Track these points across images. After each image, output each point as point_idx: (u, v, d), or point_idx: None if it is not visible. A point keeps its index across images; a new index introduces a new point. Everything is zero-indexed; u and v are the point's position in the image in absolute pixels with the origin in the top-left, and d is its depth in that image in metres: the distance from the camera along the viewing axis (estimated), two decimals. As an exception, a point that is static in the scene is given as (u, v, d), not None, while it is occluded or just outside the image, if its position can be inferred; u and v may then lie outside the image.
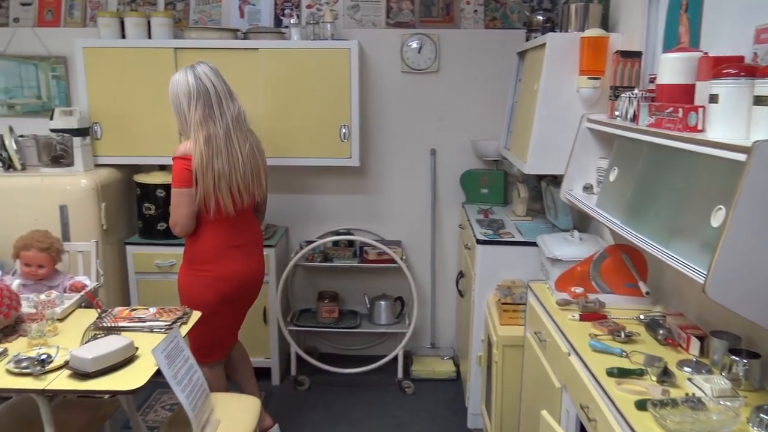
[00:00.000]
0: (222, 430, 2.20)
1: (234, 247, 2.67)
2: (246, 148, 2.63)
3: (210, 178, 2.52)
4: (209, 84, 2.56)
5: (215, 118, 2.55)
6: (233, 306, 2.78)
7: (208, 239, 2.64)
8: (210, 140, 2.52)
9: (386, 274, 3.88)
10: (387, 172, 3.91)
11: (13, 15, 3.81)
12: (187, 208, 2.56)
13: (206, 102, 2.55)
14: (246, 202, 2.66)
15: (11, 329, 2.30)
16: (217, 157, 2.53)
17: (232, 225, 2.66)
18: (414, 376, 3.76)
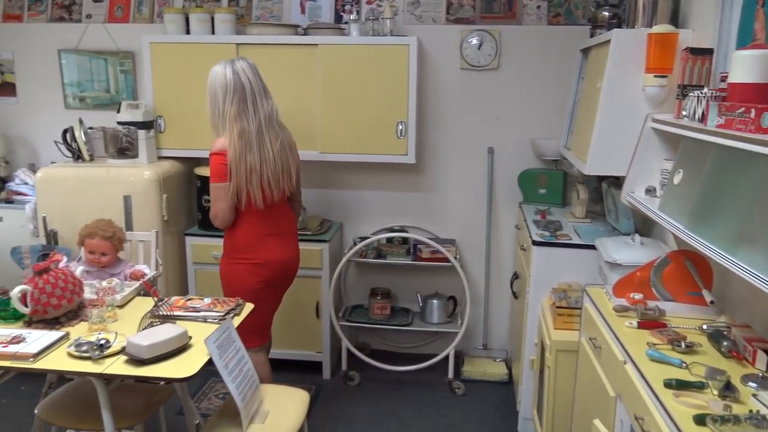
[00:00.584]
0: (270, 421, 2.22)
1: (270, 235, 2.77)
2: (277, 144, 2.71)
3: (242, 171, 2.61)
4: (246, 80, 2.64)
5: (249, 114, 2.63)
6: (273, 291, 2.89)
7: (245, 229, 2.74)
8: (243, 135, 2.61)
9: (439, 272, 3.84)
10: (443, 170, 3.87)
11: (86, 11, 3.96)
12: (225, 201, 2.66)
13: (241, 98, 2.63)
14: (276, 195, 2.74)
15: (74, 314, 2.39)
16: (249, 152, 2.61)
17: (267, 215, 2.75)
18: (465, 377, 3.72)
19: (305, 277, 3.61)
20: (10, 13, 4.02)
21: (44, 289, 2.27)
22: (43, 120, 4.09)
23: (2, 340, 2.13)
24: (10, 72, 4.09)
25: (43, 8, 3.99)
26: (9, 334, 2.19)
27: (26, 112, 4.12)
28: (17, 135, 4.14)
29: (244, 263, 2.75)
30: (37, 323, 2.31)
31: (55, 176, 3.40)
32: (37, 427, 2.44)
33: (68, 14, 3.97)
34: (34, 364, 2.04)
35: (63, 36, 3.98)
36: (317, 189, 3.96)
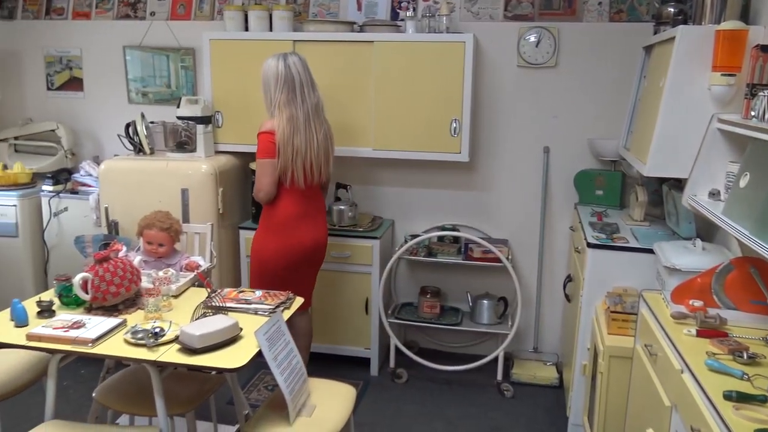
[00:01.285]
0: (317, 415, 2.23)
1: (305, 215, 3.02)
2: (321, 133, 2.99)
3: (289, 152, 2.89)
4: (296, 73, 2.92)
5: (296, 102, 2.91)
6: (301, 269, 3.07)
7: (284, 207, 2.98)
8: (291, 120, 2.89)
9: (491, 272, 3.80)
10: (496, 169, 3.82)
11: (150, 9, 4.08)
12: (271, 177, 2.92)
13: (290, 88, 2.91)
14: (316, 178, 3.02)
15: (131, 302, 2.47)
16: (296, 136, 2.90)
17: (304, 196, 3.01)
18: (514, 380, 3.66)
19: (355, 273, 3.63)
20: (79, 11, 4.18)
21: (104, 277, 2.35)
22: (108, 114, 4.24)
23: (64, 325, 2.21)
24: (78, 67, 4.25)
25: (109, 6, 4.13)
26: (70, 319, 2.27)
27: (92, 106, 4.28)
28: (83, 128, 4.31)
29: (278, 239, 2.98)
30: (96, 310, 2.39)
31: (117, 168, 3.51)
32: (94, 410, 2.53)
33: (133, 12, 4.10)
34: (93, 350, 2.12)
35: (128, 33, 4.11)
36: (369, 186, 3.97)
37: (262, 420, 2.19)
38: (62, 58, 4.26)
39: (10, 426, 2.95)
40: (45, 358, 2.52)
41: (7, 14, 4.27)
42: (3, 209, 3.79)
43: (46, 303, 2.37)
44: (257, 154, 2.96)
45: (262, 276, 3.03)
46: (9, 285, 3.83)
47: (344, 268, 3.64)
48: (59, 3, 4.20)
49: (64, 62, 4.26)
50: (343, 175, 3.92)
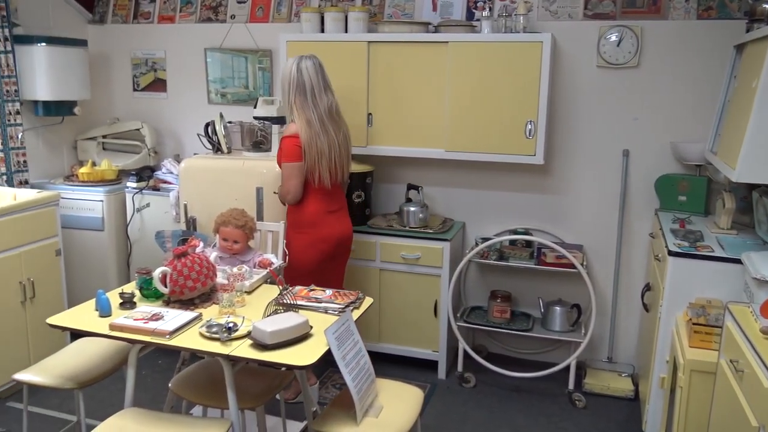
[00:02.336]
0: (384, 416, 2.23)
1: (330, 212, 3.18)
2: (340, 133, 3.13)
3: (314, 154, 3.03)
4: (307, 77, 3.04)
5: (309, 106, 3.04)
6: (330, 263, 3.24)
7: (310, 206, 3.14)
8: (310, 124, 3.03)
9: (564, 278, 3.70)
10: (572, 172, 3.71)
11: (231, 12, 4.20)
12: (298, 179, 3.07)
13: (302, 92, 3.05)
14: (339, 177, 3.18)
15: (206, 296, 2.54)
16: (318, 138, 3.03)
17: (328, 194, 3.17)
18: (586, 390, 3.55)
19: (425, 275, 3.61)
20: (164, 15, 4.35)
21: (182, 272, 2.43)
22: (188, 114, 4.39)
23: (144, 317, 2.30)
24: (162, 69, 4.42)
25: (192, 9, 4.28)
26: (150, 311, 2.36)
27: (174, 106, 4.45)
28: (165, 127, 4.48)
29: (307, 236, 3.15)
30: (174, 303, 2.48)
31: (196, 167, 3.63)
32: (170, 400, 2.62)
33: (215, 15, 4.23)
34: (170, 341, 2.19)
35: (209, 35, 4.25)
36: (441, 188, 3.94)
37: (329, 418, 2.21)
38: (147, 60, 4.44)
39: (93, 410, 3.10)
40: (126, 347, 2.62)
41: (98, 19, 4.49)
42: (91, 204, 3.99)
43: (127, 295, 2.47)
44: (282, 158, 3.10)
45: (296, 274, 3.11)
46: (94, 276, 4.02)
47: (414, 270, 3.62)
48: (146, 7, 4.38)
49: (150, 64, 4.44)
50: (415, 176, 3.92)
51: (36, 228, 3.44)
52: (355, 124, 3.66)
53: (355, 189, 3.73)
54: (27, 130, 4.00)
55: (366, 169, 3.76)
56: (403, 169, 3.97)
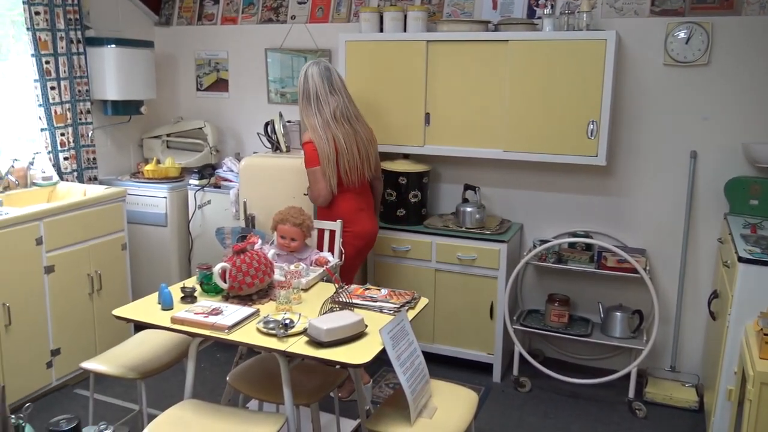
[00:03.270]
0: (438, 417, 2.21)
1: (360, 210, 3.29)
2: (352, 135, 3.18)
3: (324, 156, 3.12)
4: (312, 84, 3.15)
5: (313, 112, 3.15)
6: (357, 259, 3.37)
7: (343, 206, 3.24)
8: (314, 129, 3.14)
9: (625, 283, 3.59)
10: (636, 174, 3.60)
11: (291, 12, 4.25)
12: (323, 182, 3.16)
13: (308, 99, 3.17)
14: (355, 179, 3.23)
15: (264, 293, 2.58)
16: (325, 143, 3.12)
17: (355, 193, 3.27)
18: (647, 399, 3.43)
19: (480, 277, 3.57)
20: (227, 16, 4.45)
21: (241, 268, 2.48)
22: (249, 113, 4.48)
23: (204, 311, 2.35)
24: (225, 69, 4.52)
25: (254, 11, 4.36)
26: (209, 306, 2.42)
27: (235, 105, 4.54)
28: (227, 126, 4.58)
29: (345, 235, 3.23)
30: (232, 298, 2.53)
31: (255, 165, 3.69)
32: (227, 393, 2.67)
33: (275, 16, 4.30)
34: (229, 336, 2.23)
35: (270, 36, 4.32)
36: (498, 188, 3.89)
37: (383, 417, 2.21)
38: (211, 61, 4.55)
39: (154, 400, 3.19)
40: (186, 340, 2.69)
41: (164, 21, 4.63)
42: (155, 200, 4.11)
43: (188, 289, 2.54)
44: (306, 164, 3.20)
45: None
46: (157, 270, 4.15)
47: (469, 271, 3.59)
48: (210, 9, 4.49)
49: (212, 65, 4.55)
50: (472, 176, 3.88)
51: (104, 223, 3.57)
52: (411, 124, 3.66)
53: (412, 189, 3.72)
54: (97, 128, 4.16)
55: (423, 169, 3.75)
56: (460, 169, 3.93)
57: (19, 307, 3.12)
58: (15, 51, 3.85)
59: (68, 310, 3.39)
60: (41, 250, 3.21)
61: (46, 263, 3.24)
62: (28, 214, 3.14)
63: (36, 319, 3.22)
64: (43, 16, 3.66)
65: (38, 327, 3.24)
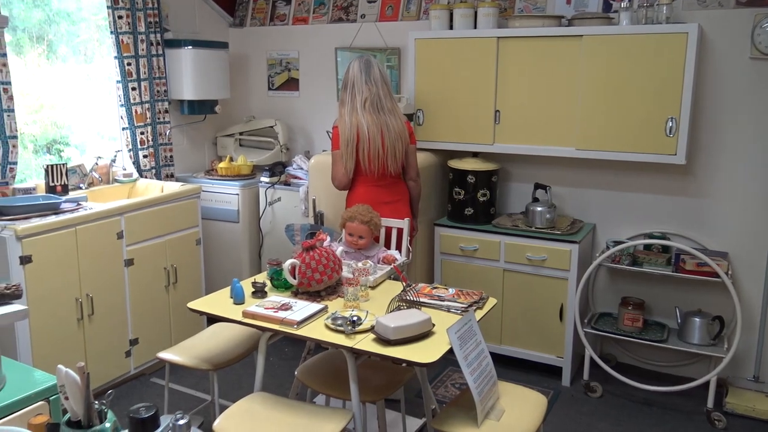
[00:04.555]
0: (505, 420, 2.18)
1: (381, 202, 3.22)
2: (378, 125, 3.19)
3: (345, 141, 3.19)
4: (351, 74, 3.25)
5: (348, 100, 3.24)
6: None
7: (358, 194, 3.26)
8: (342, 116, 3.23)
9: (705, 288, 3.43)
10: (718, 173, 3.43)
11: (361, 11, 4.28)
12: (341, 166, 3.24)
13: (345, 87, 3.27)
14: (376, 168, 3.23)
15: (332, 289, 2.60)
16: (348, 128, 3.19)
17: (379, 185, 3.27)
18: (727, 410, 3.27)
19: (550, 278, 3.49)
20: (298, 16, 4.52)
21: (310, 264, 2.51)
22: (318, 112, 4.54)
23: (274, 306, 2.40)
24: (295, 69, 4.60)
25: (325, 10, 4.41)
26: (279, 301, 2.46)
27: (305, 104, 4.61)
28: (297, 125, 4.65)
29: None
30: (301, 294, 2.56)
31: (325, 163, 3.73)
32: (295, 387, 2.71)
33: (345, 15, 4.33)
34: (298, 331, 2.27)
35: (340, 35, 4.36)
36: (570, 187, 3.79)
37: (449, 417, 2.19)
38: (282, 61, 4.64)
39: (225, 391, 3.29)
40: (256, 334, 2.75)
41: (238, 22, 4.75)
42: (228, 197, 4.23)
43: (259, 284, 2.59)
44: (331, 147, 3.32)
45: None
46: (229, 265, 4.27)
47: (539, 272, 3.51)
48: (282, 10, 4.58)
49: (284, 64, 4.64)
50: (542, 175, 3.80)
51: (179, 218, 3.70)
52: (481, 122, 3.62)
53: (481, 187, 3.68)
54: (174, 127, 4.31)
55: (492, 168, 3.70)
56: (531, 168, 3.86)
57: (101, 298, 3.27)
58: (99, 54, 4.04)
59: (146, 301, 3.53)
60: (122, 243, 3.36)
61: (126, 256, 3.38)
62: (111, 210, 3.29)
63: (116, 310, 3.37)
64: (125, 19, 3.82)
65: (118, 317, 3.39)
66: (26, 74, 3.62)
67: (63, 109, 3.87)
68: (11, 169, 3.30)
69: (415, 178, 3.39)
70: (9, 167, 3.29)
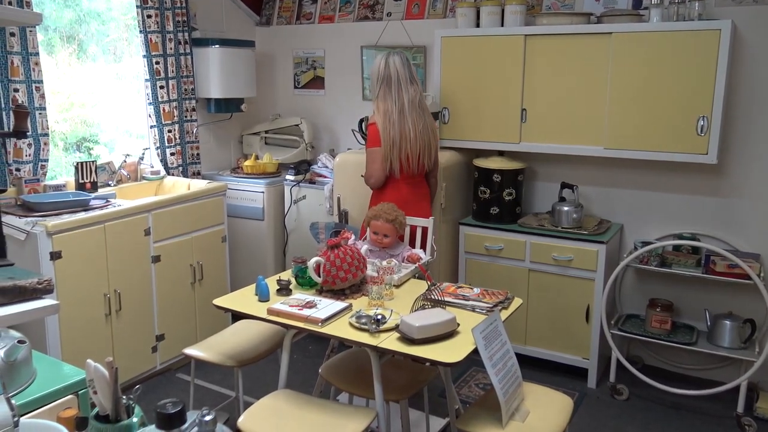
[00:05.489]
0: (530, 421, 2.15)
1: (408, 201, 3.20)
2: (420, 125, 3.18)
3: (387, 142, 3.14)
4: (394, 71, 3.16)
5: (392, 98, 3.16)
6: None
7: (390, 193, 3.22)
8: (386, 114, 3.15)
9: (736, 290, 3.36)
10: (751, 173, 3.35)
11: (387, 10, 4.27)
12: (379, 163, 3.18)
13: (387, 84, 3.17)
14: (414, 168, 3.21)
15: (357, 288, 2.60)
16: (392, 128, 3.13)
17: (407, 184, 3.24)
18: (758, 414, 3.20)
19: (577, 278, 3.45)
20: (324, 15, 4.53)
21: (334, 263, 2.51)
22: (344, 110, 4.54)
23: (298, 304, 2.40)
24: (321, 67, 4.61)
25: (351, 9, 4.41)
26: (304, 299, 2.47)
27: (330, 102, 4.62)
28: (322, 123, 4.66)
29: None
30: (326, 292, 2.57)
31: (349, 161, 3.74)
32: (319, 384, 2.72)
33: (371, 13, 4.33)
34: (322, 329, 2.27)
35: (365, 33, 4.35)
36: (597, 187, 3.74)
37: (473, 418, 2.17)
38: (308, 59, 4.65)
39: (249, 388, 3.31)
40: (280, 331, 2.77)
41: (265, 21, 4.78)
42: (253, 195, 4.25)
43: (284, 282, 2.60)
44: (367, 144, 3.26)
45: None
46: (254, 263, 4.29)
47: (565, 272, 3.47)
48: (308, 8, 4.59)
49: (310, 63, 4.65)
50: (569, 174, 3.75)
51: (206, 216, 3.73)
52: (507, 120, 3.59)
53: (506, 186, 3.65)
54: (201, 125, 4.35)
55: (518, 167, 3.67)
56: (557, 167, 3.82)
57: (129, 294, 3.31)
58: (128, 53, 4.09)
59: (172, 298, 3.57)
60: (149, 240, 3.39)
61: (153, 253, 3.42)
62: (138, 206, 3.33)
63: (143, 306, 3.41)
64: (154, 19, 3.86)
65: (145, 313, 3.43)
66: (57, 73, 3.68)
67: (92, 108, 3.93)
68: (42, 166, 3.36)
69: (437, 176, 3.42)
70: (40, 164, 3.35)
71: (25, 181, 3.30)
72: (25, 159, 3.28)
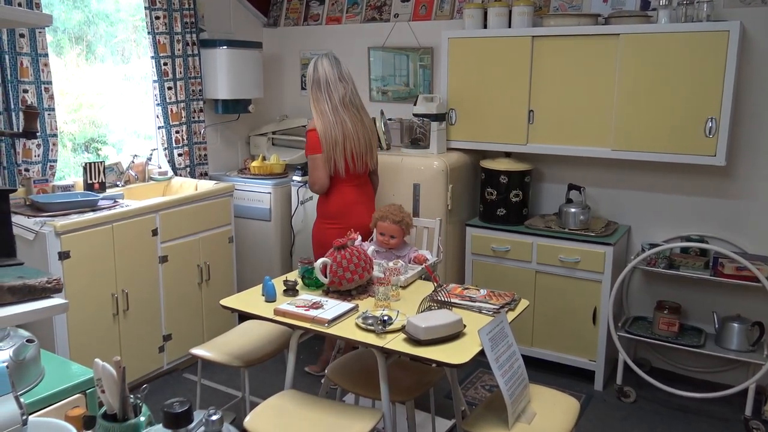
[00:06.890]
0: (537, 423, 2.15)
1: (357, 202, 3.26)
2: (358, 123, 3.21)
3: (330, 143, 3.15)
4: (323, 73, 3.21)
5: (324, 99, 3.19)
6: None
7: (338, 198, 3.25)
8: (324, 114, 3.18)
9: (744, 292, 3.34)
10: (760, 175, 3.34)
11: (395, 11, 4.28)
12: (322, 170, 3.19)
13: (318, 87, 3.21)
14: (359, 167, 3.25)
15: (363, 288, 2.61)
16: (332, 129, 3.15)
17: (354, 185, 3.27)
18: (766, 418, 3.18)
19: (584, 280, 3.44)
20: (331, 16, 4.54)
21: (341, 263, 2.52)
22: (351, 111, 4.53)
23: (305, 305, 2.41)
24: (328, 68, 4.61)
25: (358, 10, 4.42)
26: (310, 299, 2.47)
27: (338, 104, 4.61)
28: (329, 124, 4.66)
29: (336, 228, 3.15)
30: (332, 293, 2.57)
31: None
32: (325, 385, 2.72)
33: (379, 14, 4.33)
34: (328, 330, 2.27)
35: (373, 35, 4.36)
36: (604, 188, 3.73)
37: (480, 419, 2.17)
38: (315, 60, 4.65)
39: (255, 388, 3.31)
40: (287, 332, 2.77)
41: (272, 22, 4.79)
42: (260, 196, 4.26)
43: (291, 282, 2.61)
44: (306, 151, 3.26)
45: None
46: (261, 263, 4.30)
47: (572, 274, 3.47)
48: (315, 10, 4.60)
49: (317, 64, 4.65)
50: (577, 176, 3.74)
51: (213, 216, 3.74)
52: (514, 122, 3.58)
53: (513, 188, 3.64)
54: (208, 126, 4.36)
55: (525, 168, 3.66)
56: (564, 169, 3.81)
57: (136, 294, 3.33)
58: (136, 54, 4.11)
59: (179, 298, 3.58)
60: (156, 240, 3.41)
61: (160, 253, 3.44)
62: (146, 207, 3.34)
63: (150, 306, 3.43)
64: (162, 20, 3.88)
65: (152, 313, 3.45)
66: (66, 74, 3.70)
67: (101, 109, 3.95)
68: (51, 166, 3.38)
69: (377, 172, 3.47)
70: (49, 165, 3.37)
71: (34, 181, 3.32)
72: (34, 159, 3.30)
